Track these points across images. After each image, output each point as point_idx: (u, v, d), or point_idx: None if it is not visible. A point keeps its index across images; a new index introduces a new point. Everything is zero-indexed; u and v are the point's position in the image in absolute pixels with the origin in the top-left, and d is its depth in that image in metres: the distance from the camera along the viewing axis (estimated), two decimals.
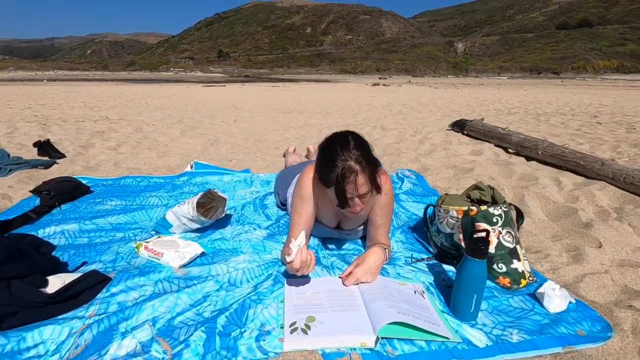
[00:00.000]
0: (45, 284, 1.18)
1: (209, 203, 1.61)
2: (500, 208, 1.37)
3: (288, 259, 1.17)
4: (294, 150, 3.22)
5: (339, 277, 1.31)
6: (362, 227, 1.57)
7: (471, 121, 4.35)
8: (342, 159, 1.19)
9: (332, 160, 1.21)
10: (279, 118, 6.14)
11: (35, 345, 1.02)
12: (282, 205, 1.99)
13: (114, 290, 1.25)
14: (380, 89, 20.17)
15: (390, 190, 1.43)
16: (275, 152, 3.50)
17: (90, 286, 1.22)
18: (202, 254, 1.48)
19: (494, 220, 1.35)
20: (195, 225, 1.63)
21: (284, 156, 3.29)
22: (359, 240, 1.66)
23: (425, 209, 1.63)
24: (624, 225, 1.84)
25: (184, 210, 1.59)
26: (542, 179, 2.57)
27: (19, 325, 1.06)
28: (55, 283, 1.19)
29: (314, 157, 2.89)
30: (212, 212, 1.62)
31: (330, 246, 1.61)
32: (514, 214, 1.52)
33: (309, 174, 1.44)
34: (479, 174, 2.73)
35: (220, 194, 1.68)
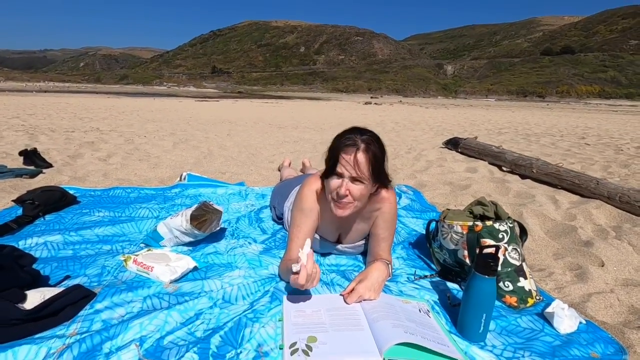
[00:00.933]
0: (23, 299, 1.09)
1: (203, 216, 1.54)
2: (506, 224, 1.33)
3: (294, 268, 1.10)
4: (289, 164, 3.18)
5: (340, 294, 1.24)
6: (363, 242, 1.52)
7: (465, 139, 4.39)
8: (353, 135, 1.24)
9: (343, 135, 1.26)
10: (273, 133, 6.13)
11: None
12: (279, 219, 1.92)
13: (98, 306, 1.16)
14: (372, 107, 20.47)
15: (394, 205, 1.39)
16: (269, 166, 3.45)
17: (72, 302, 1.13)
18: (195, 268, 1.40)
19: (500, 236, 1.31)
20: (188, 239, 1.56)
21: (279, 170, 3.24)
22: (360, 256, 1.60)
23: (428, 224, 1.58)
24: (624, 244, 1.83)
25: (177, 223, 1.51)
26: (539, 196, 2.57)
27: None
28: (35, 298, 1.10)
29: (309, 171, 2.85)
30: (207, 225, 1.55)
31: (329, 262, 1.55)
32: (517, 230, 1.49)
33: (311, 185, 1.39)
34: (475, 191, 2.71)
35: (215, 206, 1.61)
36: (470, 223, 1.35)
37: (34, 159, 3.07)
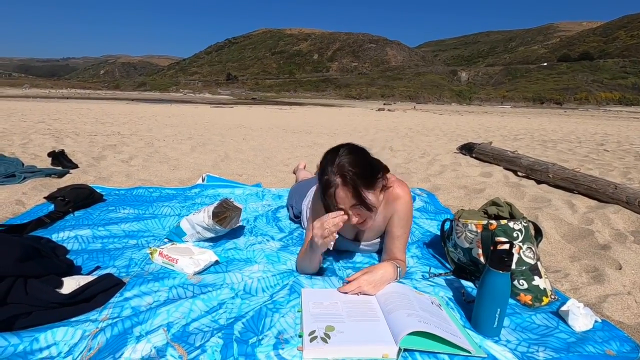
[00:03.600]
0: (60, 285, 1.17)
1: (224, 212, 1.61)
2: (520, 223, 1.35)
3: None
4: (305, 167, 3.23)
5: (345, 280, 1.29)
6: (379, 239, 1.56)
7: (479, 144, 4.38)
8: (327, 171, 1.22)
9: (322, 172, 1.24)
10: (287, 137, 6.22)
11: (48, 347, 0.99)
12: (296, 217, 1.98)
13: (127, 294, 1.23)
14: (385, 113, 20.48)
15: (409, 203, 1.43)
16: (285, 169, 3.52)
17: (104, 289, 1.20)
18: (216, 262, 1.46)
19: (514, 235, 1.33)
20: (210, 234, 1.62)
21: (294, 173, 3.30)
22: (375, 254, 1.63)
23: (443, 223, 1.61)
24: None
25: (199, 219, 1.58)
26: (555, 201, 2.55)
27: (32, 325, 1.04)
28: (70, 284, 1.17)
29: None
30: (227, 222, 1.62)
31: (346, 258, 1.59)
32: (532, 231, 1.50)
33: None
34: (490, 195, 2.71)
35: (235, 203, 1.67)
36: (485, 222, 1.37)
37: (61, 160, 3.22)
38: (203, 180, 2.67)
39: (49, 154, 3.29)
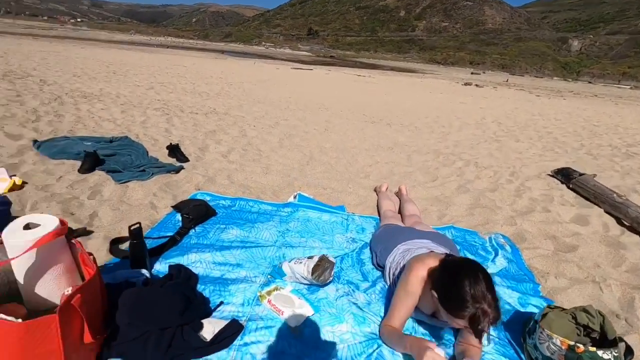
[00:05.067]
0: (201, 327, 1.53)
1: (321, 266, 1.85)
2: (611, 353, 1.36)
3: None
4: (387, 189, 3.34)
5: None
6: None
7: (580, 175, 3.99)
8: (476, 300, 1.29)
9: (463, 299, 1.30)
10: (368, 130, 6.25)
11: None
12: (379, 266, 2.15)
13: (246, 339, 1.55)
14: (472, 91, 18.90)
15: None
16: (365, 183, 3.65)
17: (231, 334, 1.54)
18: (312, 315, 1.73)
19: None
20: (306, 283, 1.89)
21: (375, 191, 3.44)
22: (451, 329, 1.76)
23: (525, 322, 1.66)
24: None
25: (300, 270, 1.85)
26: None
27: None
28: (208, 328, 1.52)
29: (406, 200, 3.00)
30: (323, 273, 1.86)
31: (423, 328, 1.75)
32: (622, 348, 1.48)
33: (417, 272, 1.57)
34: (581, 257, 2.58)
35: (330, 258, 1.90)
36: (572, 343, 1.40)
37: (176, 153, 3.75)
38: (295, 198, 2.95)
39: (167, 147, 3.85)
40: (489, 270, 2.22)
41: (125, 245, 2.10)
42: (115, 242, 2.13)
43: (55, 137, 3.97)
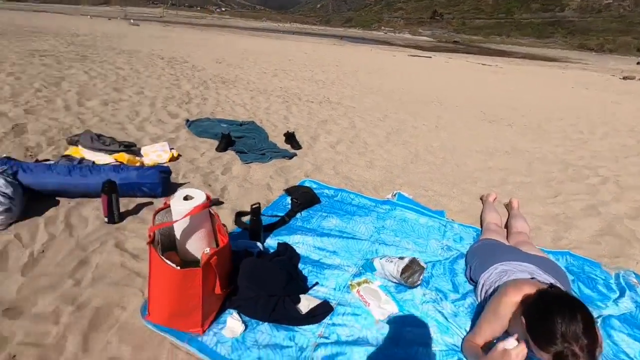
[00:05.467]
0: (298, 301, 1.79)
1: (411, 268, 1.93)
2: None
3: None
4: (494, 200, 3.14)
5: None
6: None
7: None
8: (565, 340, 1.19)
9: (552, 334, 1.21)
10: (483, 131, 5.79)
11: (289, 345, 1.62)
12: (472, 280, 2.11)
13: (335, 320, 1.76)
14: (633, 87, 15.32)
15: None
16: (472, 190, 3.48)
17: (322, 312, 1.77)
18: (397, 313, 1.84)
19: None
20: (395, 281, 2.00)
21: (481, 200, 3.25)
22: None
23: None
24: None
25: (390, 268, 1.96)
26: None
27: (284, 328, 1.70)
28: (304, 304, 1.78)
29: (516, 215, 2.79)
30: (412, 277, 1.94)
31: None
32: None
33: (511, 297, 1.52)
34: None
35: (421, 262, 1.96)
36: None
37: (291, 141, 4.18)
38: (394, 196, 3.03)
39: (285, 134, 4.30)
40: (608, 312, 1.99)
41: (246, 219, 2.52)
42: (239, 215, 2.58)
43: (200, 117, 4.82)
